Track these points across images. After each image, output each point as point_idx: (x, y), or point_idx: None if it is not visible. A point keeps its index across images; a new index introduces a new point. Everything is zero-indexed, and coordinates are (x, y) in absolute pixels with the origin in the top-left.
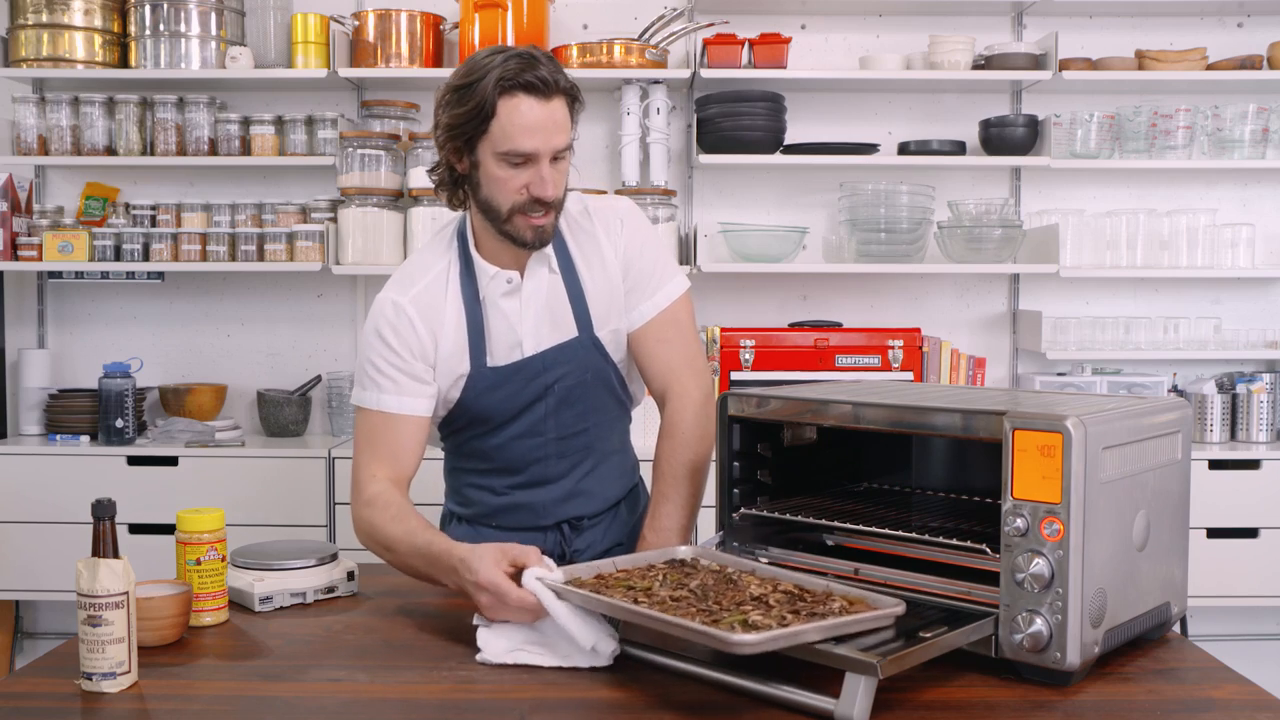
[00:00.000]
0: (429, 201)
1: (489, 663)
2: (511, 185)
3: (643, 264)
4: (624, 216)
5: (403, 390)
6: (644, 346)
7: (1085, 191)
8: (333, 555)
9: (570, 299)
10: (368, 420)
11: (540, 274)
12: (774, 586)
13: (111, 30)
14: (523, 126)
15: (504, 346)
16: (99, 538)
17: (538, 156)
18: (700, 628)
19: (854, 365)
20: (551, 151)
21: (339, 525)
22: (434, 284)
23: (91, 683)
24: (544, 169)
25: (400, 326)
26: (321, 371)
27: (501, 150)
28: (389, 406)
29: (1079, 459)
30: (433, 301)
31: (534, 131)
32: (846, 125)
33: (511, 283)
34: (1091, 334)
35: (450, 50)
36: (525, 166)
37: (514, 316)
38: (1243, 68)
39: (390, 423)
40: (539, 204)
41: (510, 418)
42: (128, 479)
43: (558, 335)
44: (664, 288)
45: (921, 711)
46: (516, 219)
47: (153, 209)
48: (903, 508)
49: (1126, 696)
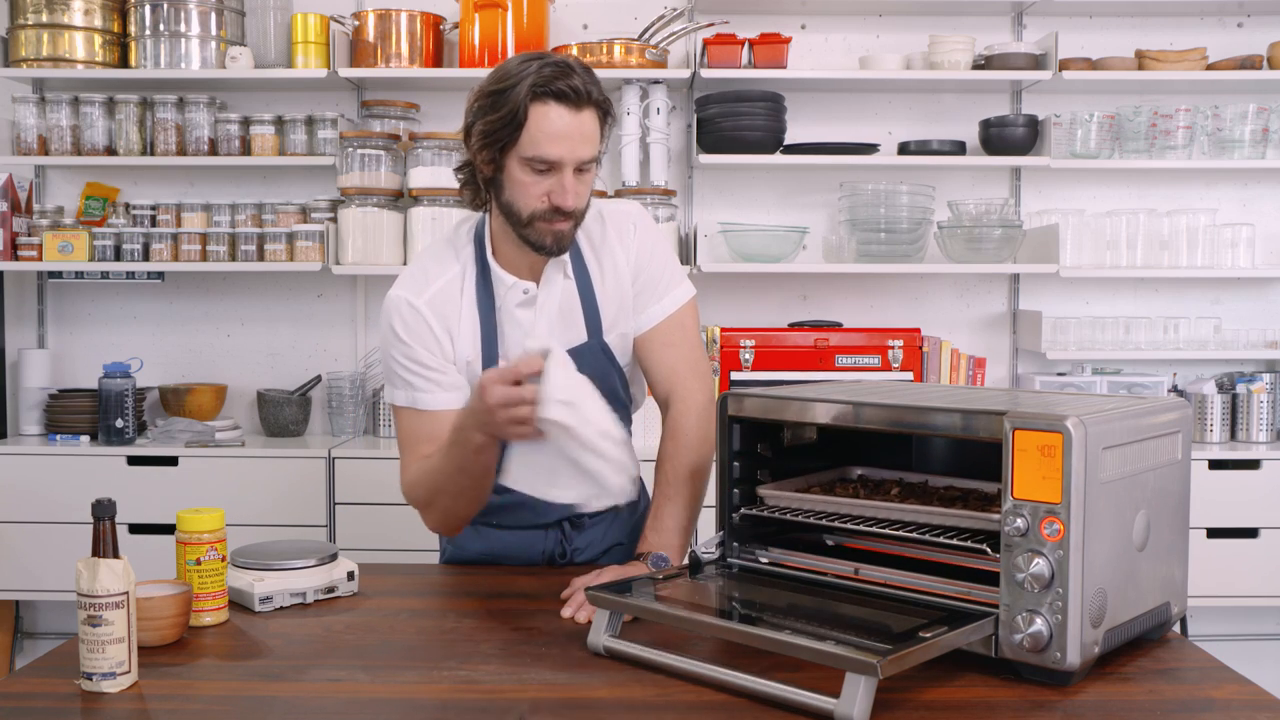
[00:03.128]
0: (429, 201)
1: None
2: (534, 191)
3: (653, 268)
4: (636, 221)
5: (435, 385)
6: (650, 349)
7: (1085, 191)
8: (333, 555)
9: (582, 303)
10: (405, 419)
11: (555, 280)
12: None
13: (111, 30)
14: (550, 134)
15: (516, 354)
16: (99, 538)
17: (562, 165)
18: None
19: (854, 365)
20: (576, 162)
21: (339, 525)
22: (449, 288)
23: (91, 683)
24: (567, 178)
25: (417, 327)
26: (321, 371)
27: (527, 155)
28: (422, 404)
29: (1079, 459)
30: (448, 306)
31: (561, 140)
32: (846, 125)
33: (528, 294)
34: (1091, 334)
35: (450, 50)
36: (549, 174)
37: (528, 326)
38: (1243, 68)
39: (424, 419)
40: (559, 212)
41: None
42: (128, 479)
43: (568, 339)
44: (672, 292)
45: (921, 711)
46: (537, 224)
47: (153, 209)
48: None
49: (1126, 696)
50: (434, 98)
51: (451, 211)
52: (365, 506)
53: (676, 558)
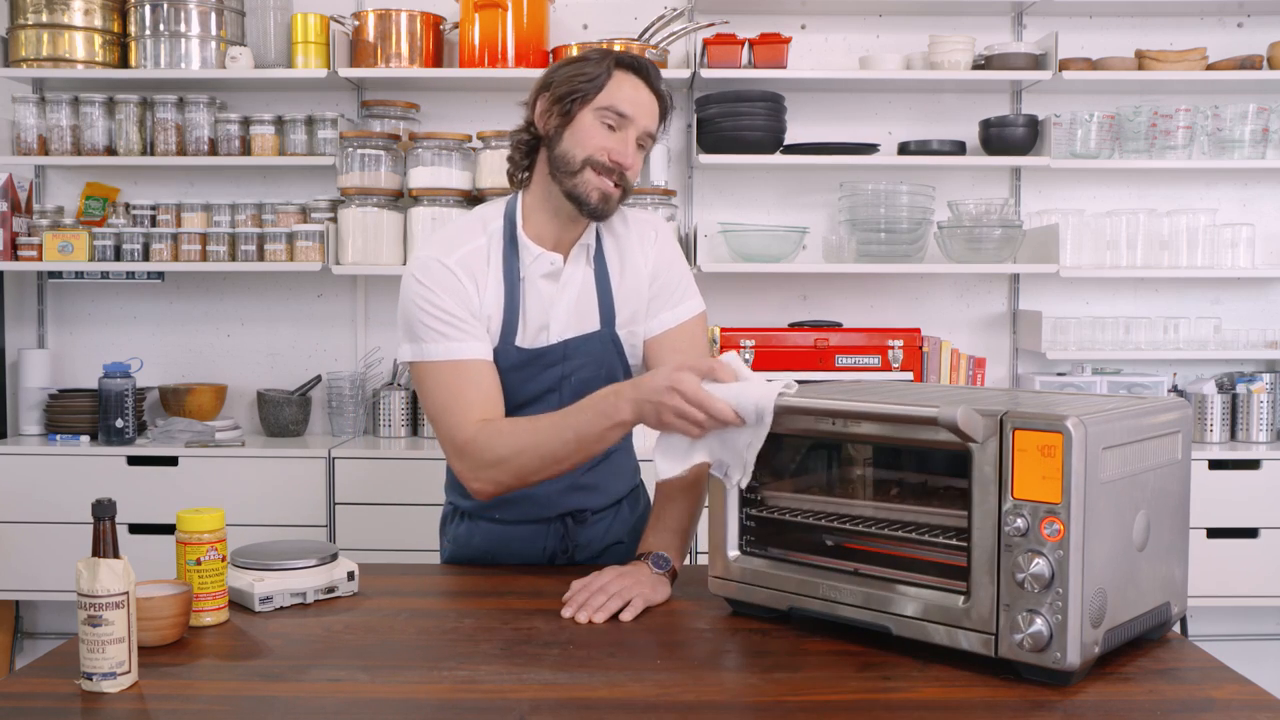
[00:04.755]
0: (429, 201)
1: (671, 475)
2: (598, 141)
3: (670, 276)
4: (658, 229)
5: (469, 335)
6: (658, 354)
7: (1085, 191)
8: (333, 555)
9: (599, 293)
10: (443, 373)
11: (580, 263)
12: None
13: (111, 30)
14: (628, 96)
15: (534, 329)
16: (99, 538)
17: (630, 125)
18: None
19: (854, 365)
20: (643, 129)
21: (339, 525)
22: (476, 253)
23: (91, 683)
24: (631, 138)
25: (449, 283)
26: (321, 371)
27: (603, 105)
28: (459, 354)
29: (1079, 459)
30: (475, 268)
31: (636, 103)
32: (846, 125)
33: (555, 265)
34: (1091, 334)
35: (450, 50)
36: (615, 132)
37: (548, 300)
38: (1243, 68)
39: (464, 371)
40: (613, 168)
41: (522, 404)
42: (128, 479)
43: (582, 326)
44: (686, 302)
45: (921, 711)
46: (588, 172)
47: (153, 209)
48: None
49: (1126, 696)
50: (434, 98)
51: (451, 211)
52: (365, 506)
53: (677, 559)
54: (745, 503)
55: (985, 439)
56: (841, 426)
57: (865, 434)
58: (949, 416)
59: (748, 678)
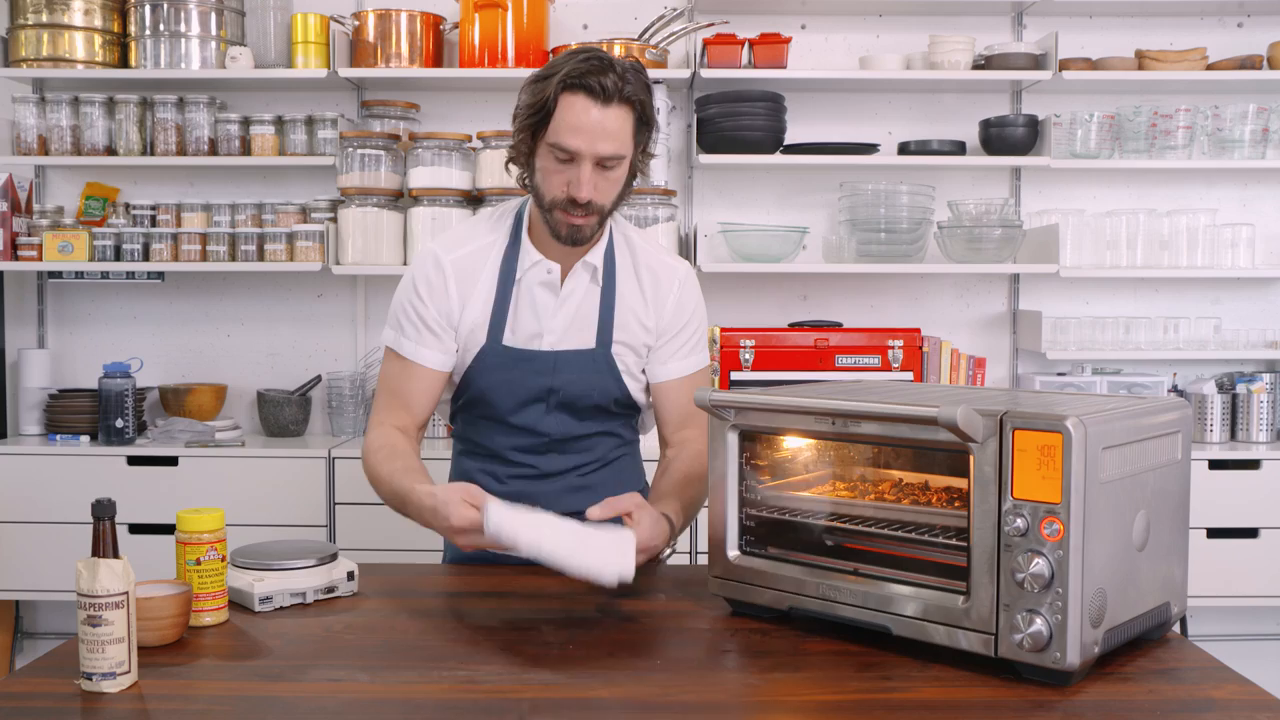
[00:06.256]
0: (429, 201)
1: (498, 534)
2: (556, 180)
3: (690, 327)
4: (683, 279)
5: (422, 341)
6: (665, 397)
7: (1085, 191)
8: (333, 555)
9: (600, 313)
10: (388, 363)
11: (583, 279)
12: None
13: (111, 30)
14: (572, 125)
15: (525, 333)
16: (99, 538)
17: (580, 157)
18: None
19: (854, 365)
20: (595, 156)
21: (339, 525)
22: (478, 253)
23: (91, 683)
24: (584, 171)
25: (435, 281)
26: (321, 371)
27: (550, 142)
28: (405, 351)
29: (1079, 459)
30: (472, 269)
31: (581, 132)
32: (846, 125)
33: (551, 274)
34: (1091, 334)
35: (450, 50)
36: (569, 164)
37: (545, 309)
38: (1243, 68)
39: (405, 369)
40: (574, 204)
41: (511, 410)
42: (128, 479)
43: (577, 342)
44: (697, 354)
45: (921, 711)
46: (556, 213)
47: (153, 209)
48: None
49: (1126, 696)
50: (434, 98)
51: (451, 212)
52: (365, 506)
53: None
54: (745, 503)
55: (985, 439)
56: (841, 426)
57: (865, 434)
58: (949, 416)
59: (748, 678)
